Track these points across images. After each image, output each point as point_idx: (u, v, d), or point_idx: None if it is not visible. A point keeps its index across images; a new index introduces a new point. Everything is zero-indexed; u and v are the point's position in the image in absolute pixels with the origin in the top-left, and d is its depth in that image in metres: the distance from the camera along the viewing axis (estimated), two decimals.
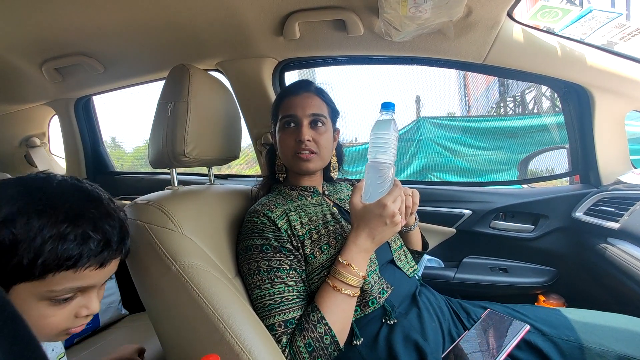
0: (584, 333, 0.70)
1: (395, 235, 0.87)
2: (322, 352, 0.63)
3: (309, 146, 0.81)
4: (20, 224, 0.43)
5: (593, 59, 1.01)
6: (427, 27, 0.92)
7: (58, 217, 0.45)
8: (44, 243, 0.43)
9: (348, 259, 0.68)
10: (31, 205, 0.44)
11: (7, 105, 1.78)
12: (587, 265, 1.12)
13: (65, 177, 0.51)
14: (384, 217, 0.65)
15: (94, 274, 0.49)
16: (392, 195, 0.66)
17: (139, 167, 8.09)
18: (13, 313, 0.22)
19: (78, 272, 0.46)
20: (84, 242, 0.46)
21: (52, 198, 0.46)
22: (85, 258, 0.46)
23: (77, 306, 0.49)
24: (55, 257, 0.44)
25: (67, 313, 0.48)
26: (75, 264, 0.46)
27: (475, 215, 1.25)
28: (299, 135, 0.81)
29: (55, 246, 0.44)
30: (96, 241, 0.48)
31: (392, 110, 0.71)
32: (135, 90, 1.65)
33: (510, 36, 1.00)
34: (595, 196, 1.10)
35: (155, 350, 0.97)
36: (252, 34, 1.12)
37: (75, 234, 0.46)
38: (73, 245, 0.45)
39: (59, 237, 0.44)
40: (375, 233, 0.67)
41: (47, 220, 0.44)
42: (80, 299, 0.50)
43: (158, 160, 0.85)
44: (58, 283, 0.45)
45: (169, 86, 0.85)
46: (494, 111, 7.67)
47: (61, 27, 1.09)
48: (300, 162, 0.82)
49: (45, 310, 0.46)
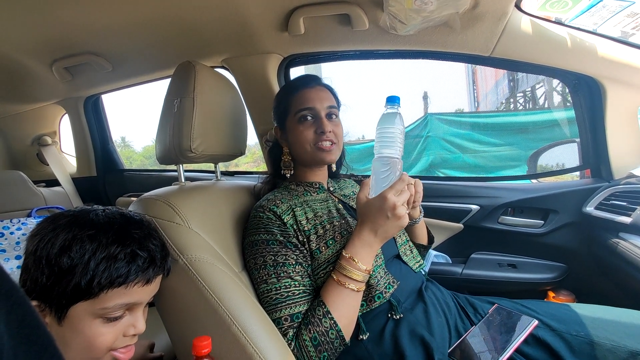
0: (594, 328, 0.68)
1: (401, 230, 0.86)
2: (327, 347, 0.63)
3: (330, 137, 0.82)
4: (75, 249, 0.48)
5: (604, 50, 0.99)
6: (433, 19, 0.91)
7: (108, 239, 0.50)
8: (97, 264, 0.49)
9: (351, 253, 0.68)
10: (83, 231, 0.50)
11: (19, 104, 1.82)
12: (598, 261, 1.10)
13: (107, 208, 0.58)
14: (385, 210, 0.65)
15: (141, 290, 0.53)
16: (394, 188, 0.65)
17: (147, 166, 8.18)
18: (21, 298, 0.22)
19: (128, 288, 0.51)
20: (133, 260, 0.51)
21: (100, 224, 0.52)
22: (134, 274, 0.51)
23: (125, 325, 0.53)
24: (108, 276, 0.49)
25: (117, 331, 0.52)
26: (125, 280, 0.50)
27: (483, 211, 1.23)
28: (320, 127, 0.82)
29: (108, 265, 0.49)
30: (143, 258, 0.53)
31: (398, 104, 0.70)
32: (144, 89, 1.67)
33: (519, 28, 0.98)
34: (606, 190, 1.07)
35: (165, 343, 0.98)
36: (257, 30, 1.12)
37: (125, 253, 0.51)
38: (123, 264, 0.50)
39: (110, 258, 0.50)
40: (377, 227, 0.67)
41: (99, 244, 0.50)
42: (128, 317, 0.54)
43: (165, 156, 0.86)
44: (110, 300, 0.50)
45: (175, 83, 0.85)
46: (503, 107, 7.55)
47: (70, 26, 1.11)
48: (322, 154, 0.82)
49: (98, 328, 0.50)
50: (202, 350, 0.48)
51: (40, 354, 0.22)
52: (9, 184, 1.63)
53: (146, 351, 0.80)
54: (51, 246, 0.49)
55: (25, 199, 1.66)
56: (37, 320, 0.22)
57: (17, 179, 1.66)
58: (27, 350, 0.20)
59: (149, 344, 0.82)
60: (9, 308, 0.20)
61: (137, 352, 0.79)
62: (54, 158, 1.96)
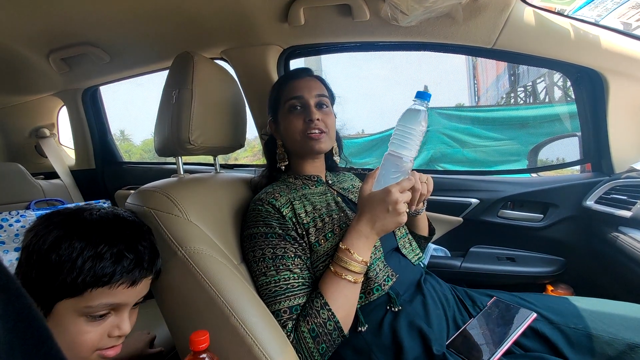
0: (593, 321, 0.69)
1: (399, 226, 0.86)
2: (325, 338, 0.63)
3: (318, 125, 0.81)
4: (64, 246, 0.49)
5: (608, 42, 0.97)
6: (435, 10, 0.90)
7: (97, 239, 0.51)
8: (84, 262, 0.49)
9: (347, 244, 0.68)
10: (74, 229, 0.51)
11: (16, 96, 1.81)
12: (597, 255, 1.10)
13: (103, 207, 0.59)
14: (387, 203, 0.64)
15: (127, 291, 0.53)
16: (400, 184, 0.65)
17: (147, 159, 8.16)
18: (18, 290, 0.22)
19: (112, 288, 0.51)
20: (118, 260, 0.52)
21: (92, 223, 0.53)
22: (119, 275, 0.51)
23: (110, 325, 0.53)
24: (94, 275, 0.49)
25: (102, 331, 0.52)
26: (110, 280, 0.50)
27: (483, 205, 1.23)
28: (308, 115, 0.81)
29: (94, 264, 0.49)
30: (129, 260, 0.53)
31: (427, 101, 0.66)
32: (142, 81, 1.66)
33: (521, 19, 0.97)
34: (607, 184, 1.07)
35: (164, 336, 0.99)
36: (257, 21, 1.11)
37: (111, 253, 0.51)
38: (109, 264, 0.50)
39: (96, 257, 0.50)
40: (375, 219, 0.67)
41: (87, 242, 0.50)
42: (113, 318, 0.54)
43: (164, 148, 0.85)
44: (94, 299, 0.50)
45: (173, 73, 0.84)
46: (503, 101, 7.51)
47: (67, 16, 1.09)
48: (311, 142, 0.82)
49: (82, 326, 0.51)
50: (199, 345, 0.48)
51: (37, 347, 0.21)
52: (8, 177, 1.63)
53: (146, 346, 0.80)
54: (43, 242, 0.50)
55: (23, 192, 1.66)
56: (34, 313, 0.22)
57: (16, 172, 1.65)
58: (24, 343, 0.20)
59: (148, 339, 0.82)
60: (6, 301, 0.20)
61: (137, 347, 0.79)
62: (53, 150, 1.95)
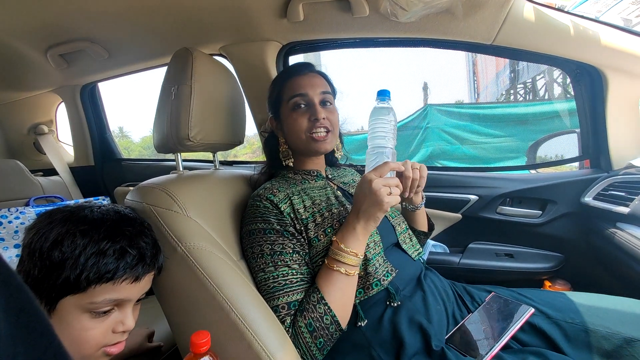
0: (590, 316, 0.69)
1: (389, 213, 0.86)
2: (323, 332, 0.63)
3: (324, 124, 0.81)
4: (67, 244, 0.49)
5: (607, 38, 0.97)
6: (435, 6, 0.90)
7: (99, 235, 0.51)
8: (87, 259, 0.49)
9: (338, 237, 0.69)
10: (76, 227, 0.51)
11: (14, 92, 1.80)
12: (595, 251, 1.10)
13: (104, 204, 0.59)
14: (363, 188, 0.65)
15: (130, 287, 0.54)
16: (376, 169, 0.66)
17: (146, 157, 8.15)
18: (19, 285, 0.22)
19: (116, 284, 0.52)
20: (121, 256, 0.52)
21: (93, 220, 0.53)
22: (122, 271, 0.52)
23: (114, 321, 0.54)
24: (97, 271, 0.50)
25: (106, 327, 0.53)
26: (113, 276, 0.51)
27: (482, 201, 1.23)
28: (313, 114, 0.80)
29: (97, 261, 0.50)
30: (132, 256, 0.53)
31: (388, 97, 0.73)
32: (142, 79, 1.65)
33: (521, 15, 0.97)
34: (605, 181, 1.08)
35: (164, 332, 0.99)
36: (256, 17, 1.10)
37: (114, 250, 0.52)
38: (112, 260, 0.51)
39: (99, 253, 0.50)
40: (359, 207, 0.67)
41: (90, 239, 0.51)
42: (117, 314, 0.54)
43: (163, 145, 0.85)
44: (98, 295, 0.51)
45: (172, 70, 0.84)
46: (503, 98, 7.50)
47: (65, 12, 1.09)
48: (317, 144, 0.81)
49: (86, 322, 0.51)
50: (200, 348, 0.48)
51: (39, 340, 0.21)
52: (6, 173, 1.62)
53: (144, 340, 0.81)
54: (45, 240, 0.50)
55: (22, 188, 1.65)
56: (36, 307, 0.22)
57: (14, 168, 1.65)
58: (26, 337, 0.20)
59: (147, 333, 0.82)
60: (8, 295, 0.20)
61: (135, 341, 0.79)
62: (51, 147, 1.95)
